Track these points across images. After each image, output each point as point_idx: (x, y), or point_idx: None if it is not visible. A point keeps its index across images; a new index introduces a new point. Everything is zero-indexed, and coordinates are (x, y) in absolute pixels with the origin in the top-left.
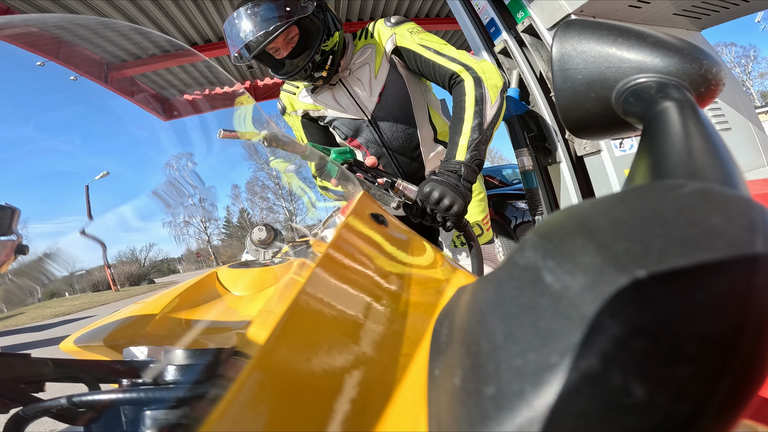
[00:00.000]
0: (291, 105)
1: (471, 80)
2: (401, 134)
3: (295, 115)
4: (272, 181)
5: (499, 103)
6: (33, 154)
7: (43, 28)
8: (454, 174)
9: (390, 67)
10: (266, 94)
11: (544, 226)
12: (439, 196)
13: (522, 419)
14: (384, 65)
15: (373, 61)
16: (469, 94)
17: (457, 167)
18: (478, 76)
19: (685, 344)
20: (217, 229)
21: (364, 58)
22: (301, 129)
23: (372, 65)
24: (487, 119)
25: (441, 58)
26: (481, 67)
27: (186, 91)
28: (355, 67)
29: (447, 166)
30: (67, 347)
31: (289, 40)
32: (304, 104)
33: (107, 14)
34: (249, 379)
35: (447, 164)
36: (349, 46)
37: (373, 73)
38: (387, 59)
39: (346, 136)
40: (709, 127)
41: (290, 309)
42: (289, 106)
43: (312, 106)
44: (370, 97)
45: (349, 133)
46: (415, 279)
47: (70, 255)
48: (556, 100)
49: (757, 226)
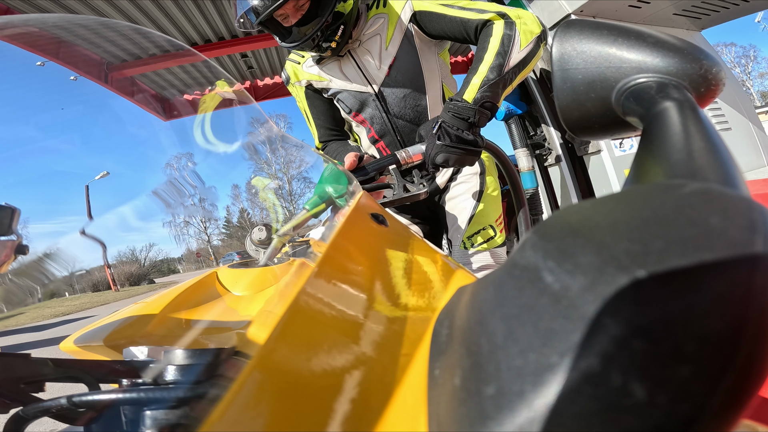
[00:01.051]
0: (295, 75)
1: (501, 23)
2: (409, 111)
3: (299, 86)
4: (272, 182)
5: (530, 49)
6: (33, 154)
7: (43, 28)
8: (465, 122)
9: (403, 38)
10: (266, 94)
11: (544, 226)
12: (451, 163)
13: (522, 419)
14: (396, 36)
15: (384, 32)
16: (495, 35)
17: (470, 114)
18: (511, 21)
19: (685, 344)
20: (217, 229)
21: (375, 28)
22: (304, 100)
23: (383, 35)
24: (510, 62)
25: (468, 12)
26: (517, 13)
27: (186, 91)
28: (365, 38)
29: (457, 111)
30: (67, 347)
31: (299, 6)
32: (308, 74)
33: (107, 14)
34: (249, 379)
35: (456, 107)
36: (362, 17)
37: (384, 44)
38: (401, 29)
39: (350, 110)
40: (709, 127)
41: (290, 309)
42: (293, 76)
43: (316, 76)
44: (378, 69)
45: (353, 106)
46: (415, 279)
47: (70, 255)
48: (556, 100)
49: (757, 226)
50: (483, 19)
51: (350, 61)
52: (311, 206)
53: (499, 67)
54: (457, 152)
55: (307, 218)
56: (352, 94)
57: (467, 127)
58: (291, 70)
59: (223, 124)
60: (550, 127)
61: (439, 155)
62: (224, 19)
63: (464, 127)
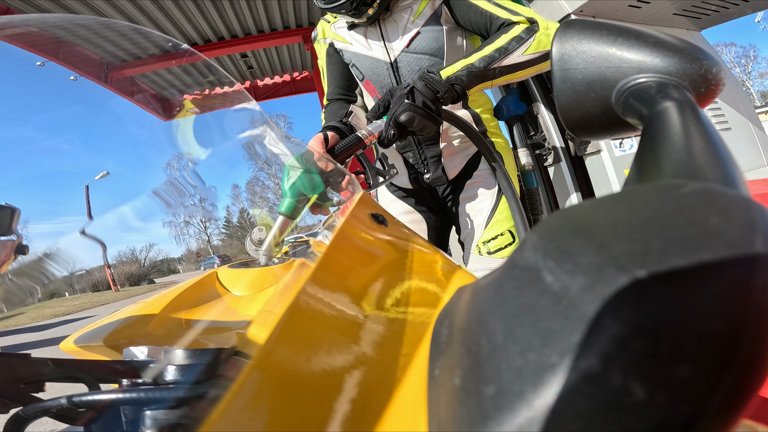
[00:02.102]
0: (323, 32)
1: (524, 27)
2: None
3: (323, 43)
4: (272, 181)
5: (533, 57)
6: (33, 154)
7: (43, 28)
8: (433, 93)
9: (432, 15)
10: (266, 94)
11: (544, 226)
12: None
13: (522, 419)
14: (426, 11)
15: (416, 6)
16: (510, 34)
17: (440, 88)
18: (536, 29)
19: (685, 344)
20: (217, 229)
21: (410, 1)
22: (324, 57)
23: (414, 9)
24: (504, 61)
25: (501, 10)
26: (546, 24)
27: (186, 91)
28: (397, 10)
29: (430, 81)
30: (67, 347)
31: None
32: (334, 34)
33: (107, 14)
34: (249, 379)
35: (431, 79)
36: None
37: (412, 18)
38: (432, 7)
39: (363, 77)
40: (709, 127)
41: (290, 309)
42: (321, 33)
43: (341, 37)
44: (400, 39)
45: (366, 73)
46: (416, 279)
47: (70, 255)
48: (556, 100)
49: (757, 226)
50: (511, 19)
51: (376, 29)
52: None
53: (489, 60)
54: (422, 113)
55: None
56: (368, 59)
57: (434, 98)
58: (321, 28)
59: (223, 124)
60: (550, 127)
61: (405, 113)
62: (224, 19)
63: (431, 98)
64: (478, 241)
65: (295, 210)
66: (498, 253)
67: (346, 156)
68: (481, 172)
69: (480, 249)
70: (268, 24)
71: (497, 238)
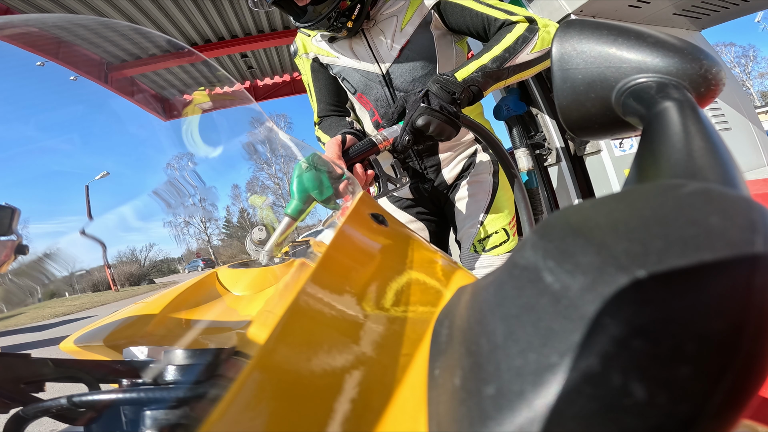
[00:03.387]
0: (304, 47)
1: (525, 26)
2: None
3: (306, 58)
4: (272, 181)
5: (540, 54)
6: (33, 154)
7: (43, 28)
8: (449, 95)
9: (421, 22)
10: (266, 94)
11: (544, 226)
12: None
13: (522, 419)
14: (415, 19)
15: (402, 14)
16: (514, 33)
17: (456, 89)
18: (536, 26)
19: (685, 344)
20: (217, 229)
21: (394, 9)
22: (309, 74)
23: (401, 17)
24: (516, 60)
25: (496, 11)
26: (545, 22)
27: (186, 91)
28: (382, 18)
29: (444, 83)
30: (67, 347)
31: None
32: (317, 48)
33: (107, 14)
34: (249, 379)
35: (445, 81)
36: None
37: (400, 26)
38: (421, 14)
39: (355, 90)
40: (709, 127)
41: (290, 309)
42: (302, 48)
43: (325, 51)
44: (390, 50)
45: (358, 87)
46: (415, 279)
47: (70, 255)
48: (556, 100)
49: (757, 226)
50: (510, 19)
51: (362, 40)
52: (294, 212)
53: (501, 60)
54: (440, 117)
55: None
56: (359, 72)
57: (451, 101)
58: (300, 42)
59: (224, 124)
60: (550, 127)
61: (422, 117)
62: (224, 19)
63: (447, 100)
64: (474, 239)
65: (301, 213)
66: (493, 251)
67: (358, 160)
68: (477, 172)
69: (475, 247)
70: (268, 24)
71: (491, 236)
